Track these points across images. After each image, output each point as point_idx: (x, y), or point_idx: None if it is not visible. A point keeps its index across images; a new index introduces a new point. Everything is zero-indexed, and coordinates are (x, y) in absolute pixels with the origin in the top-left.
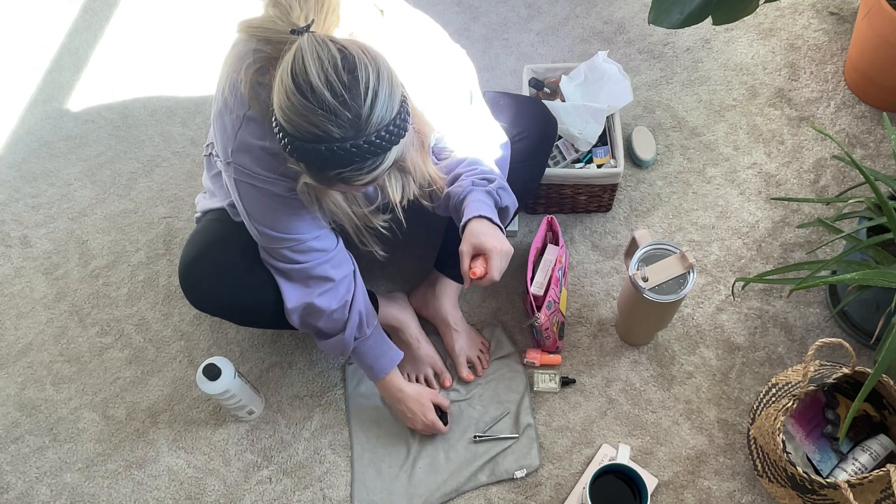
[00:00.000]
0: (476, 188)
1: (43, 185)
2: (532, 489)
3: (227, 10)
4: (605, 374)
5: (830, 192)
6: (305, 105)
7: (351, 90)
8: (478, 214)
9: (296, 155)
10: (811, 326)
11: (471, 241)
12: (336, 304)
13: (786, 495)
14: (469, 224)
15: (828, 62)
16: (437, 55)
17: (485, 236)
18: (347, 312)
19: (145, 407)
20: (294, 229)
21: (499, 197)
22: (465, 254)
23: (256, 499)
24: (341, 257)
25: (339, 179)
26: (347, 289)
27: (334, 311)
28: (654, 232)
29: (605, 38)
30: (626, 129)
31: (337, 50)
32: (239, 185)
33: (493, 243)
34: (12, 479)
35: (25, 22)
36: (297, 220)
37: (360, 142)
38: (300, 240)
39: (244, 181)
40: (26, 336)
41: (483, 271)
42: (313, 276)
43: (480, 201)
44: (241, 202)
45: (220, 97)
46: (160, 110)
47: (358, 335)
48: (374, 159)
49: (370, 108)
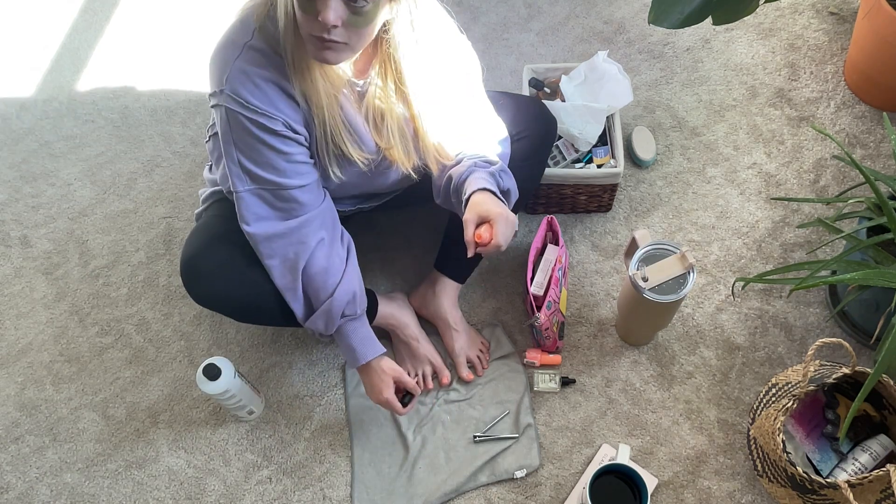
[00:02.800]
0: (478, 168)
1: (43, 185)
2: (532, 489)
3: (228, 10)
4: (605, 374)
5: (830, 192)
6: None
7: None
8: (481, 188)
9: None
10: (811, 326)
11: (475, 210)
12: (315, 269)
13: (786, 495)
14: (473, 195)
15: (828, 62)
16: (446, 35)
17: (489, 204)
18: (340, 276)
19: (145, 407)
20: (279, 171)
21: (501, 179)
22: (470, 222)
23: (256, 499)
24: (326, 216)
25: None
26: (328, 254)
27: (314, 276)
28: (654, 232)
29: (605, 38)
30: (626, 129)
31: None
32: (229, 115)
33: (498, 209)
34: (12, 479)
35: (25, 22)
36: (283, 162)
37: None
38: (283, 184)
39: (234, 110)
40: (26, 336)
41: (489, 236)
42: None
43: (483, 178)
44: (231, 133)
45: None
46: (160, 110)
47: (347, 312)
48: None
49: None
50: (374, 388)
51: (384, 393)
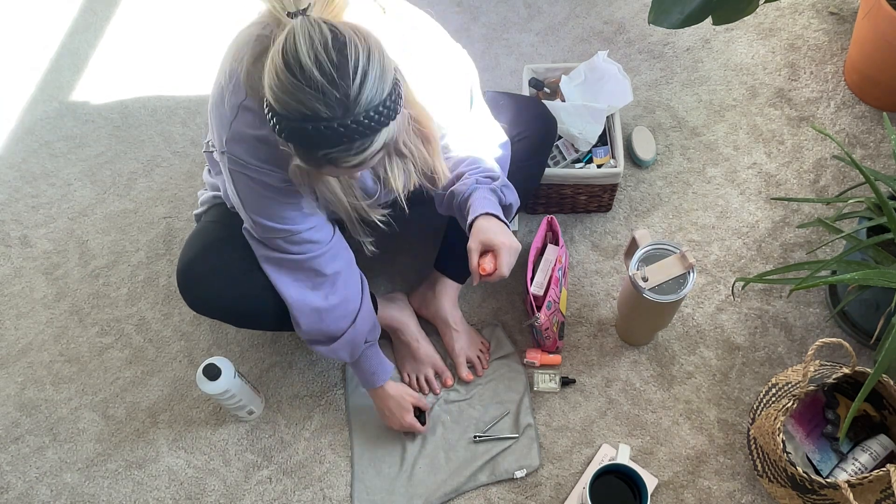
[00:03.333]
0: (480, 186)
1: (43, 185)
2: (532, 489)
3: (228, 10)
4: (605, 374)
5: (830, 192)
6: (294, 83)
7: (340, 69)
8: (485, 212)
9: (284, 134)
10: (811, 326)
11: (479, 238)
12: (337, 299)
13: (786, 495)
14: (476, 221)
15: (828, 62)
16: (439, 54)
17: (493, 233)
18: (359, 304)
19: (145, 407)
20: (288, 220)
21: (503, 195)
22: (474, 251)
23: (256, 499)
24: (337, 249)
25: (327, 160)
26: (345, 282)
27: (337, 306)
28: (654, 232)
29: (605, 38)
30: (626, 129)
31: (328, 29)
32: (234, 175)
33: (502, 239)
34: (12, 479)
35: (25, 22)
36: (290, 211)
37: (348, 121)
38: (294, 231)
39: (238, 171)
40: (26, 336)
41: (493, 268)
42: (307, 269)
43: (486, 199)
44: (237, 192)
45: (218, 88)
46: (160, 110)
47: (369, 338)
48: (362, 140)
49: (359, 88)
50: (395, 415)
51: (406, 418)
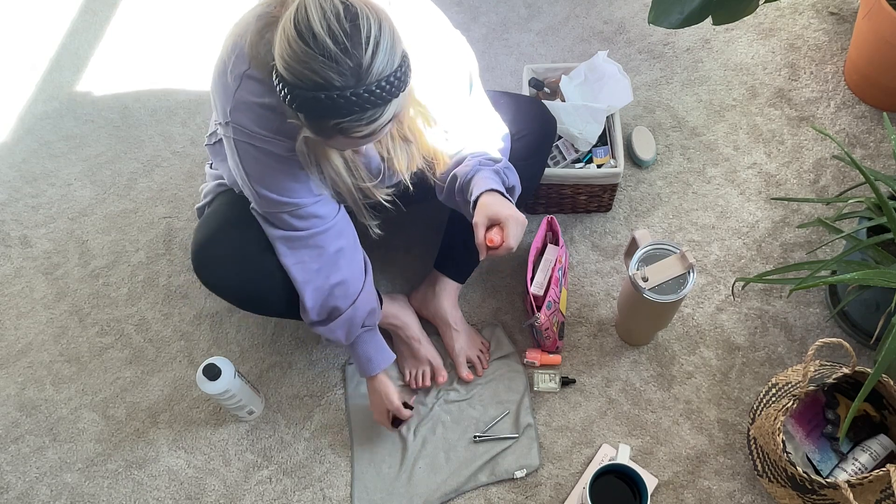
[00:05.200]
0: (483, 167)
1: (43, 185)
2: (532, 489)
3: (228, 10)
4: (605, 374)
5: (830, 192)
6: (307, 52)
7: (352, 38)
8: (489, 188)
9: (295, 104)
10: (811, 326)
11: (485, 213)
12: (339, 277)
13: (786, 495)
14: (481, 198)
15: (828, 62)
16: (437, 38)
17: (498, 206)
18: (361, 284)
19: (145, 407)
20: (293, 192)
21: (506, 176)
22: (480, 225)
23: (256, 499)
24: (342, 226)
25: (337, 130)
26: (349, 261)
27: (338, 285)
28: (654, 232)
29: (605, 38)
30: (626, 129)
31: (340, 1)
32: (238, 146)
33: (508, 211)
34: (12, 479)
35: (25, 22)
36: (295, 183)
37: (361, 90)
38: (299, 204)
39: (243, 141)
40: (26, 336)
41: (500, 240)
42: (312, 246)
43: (489, 178)
44: (241, 163)
45: (220, 62)
46: (160, 110)
47: (368, 322)
48: (373, 110)
49: (371, 58)
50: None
51: (379, 420)
